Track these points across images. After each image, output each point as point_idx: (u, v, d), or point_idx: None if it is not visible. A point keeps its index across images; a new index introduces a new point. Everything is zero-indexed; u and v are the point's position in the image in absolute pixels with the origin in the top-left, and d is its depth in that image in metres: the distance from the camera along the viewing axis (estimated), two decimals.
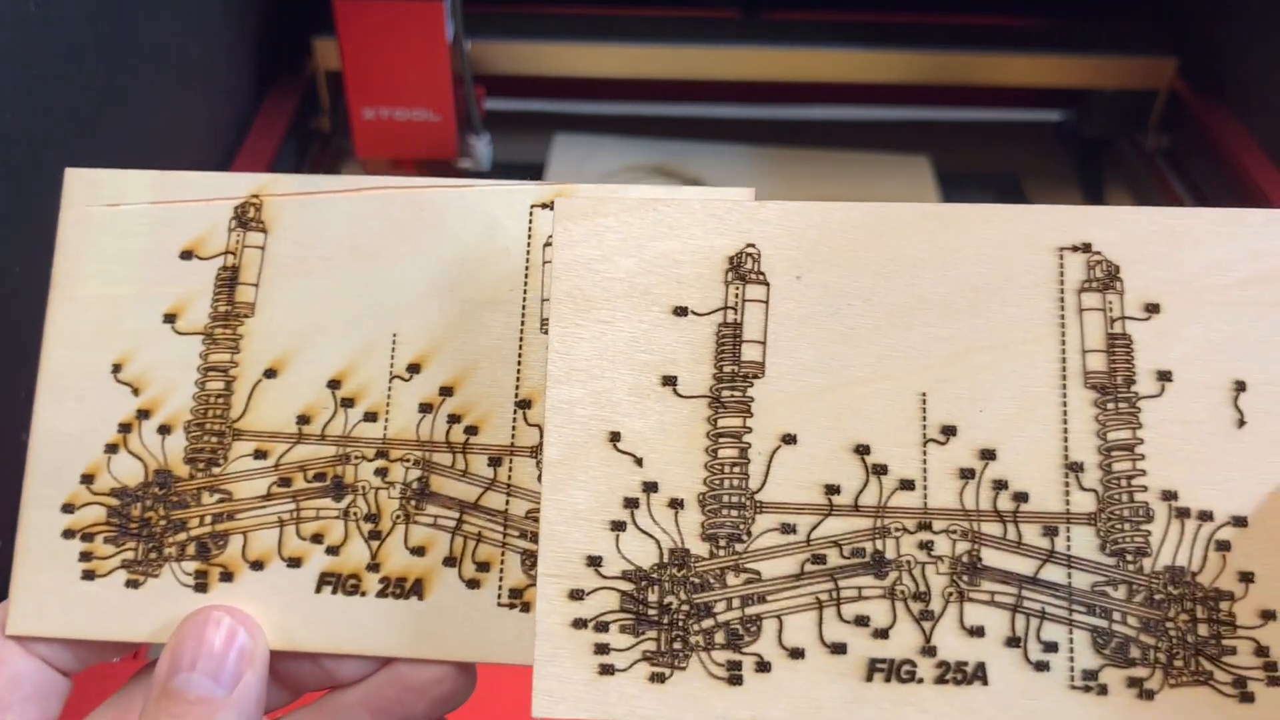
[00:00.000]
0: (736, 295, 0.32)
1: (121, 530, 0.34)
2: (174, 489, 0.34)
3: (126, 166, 0.78)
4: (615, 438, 0.31)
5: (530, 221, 0.35)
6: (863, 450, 0.31)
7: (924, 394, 0.31)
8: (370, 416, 0.35)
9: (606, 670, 0.30)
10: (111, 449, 0.35)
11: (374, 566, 0.34)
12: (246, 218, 0.35)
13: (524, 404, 0.35)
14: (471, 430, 0.35)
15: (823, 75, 1.07)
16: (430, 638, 0.34)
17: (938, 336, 0.31)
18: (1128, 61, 1.06)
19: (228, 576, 0.34)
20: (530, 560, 0.34)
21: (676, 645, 0.31)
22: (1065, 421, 0.31)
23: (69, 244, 0.35)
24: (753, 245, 0.32)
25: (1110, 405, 0.31)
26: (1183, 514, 0.31)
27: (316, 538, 0.34)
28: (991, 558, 0.31)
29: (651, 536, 0.31)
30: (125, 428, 0.35)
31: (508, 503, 0.34)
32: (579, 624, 0.30)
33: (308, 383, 0.35)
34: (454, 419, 0.35)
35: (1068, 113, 1.12)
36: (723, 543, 0.31)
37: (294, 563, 0.34)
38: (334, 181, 0.35)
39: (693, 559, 0.31)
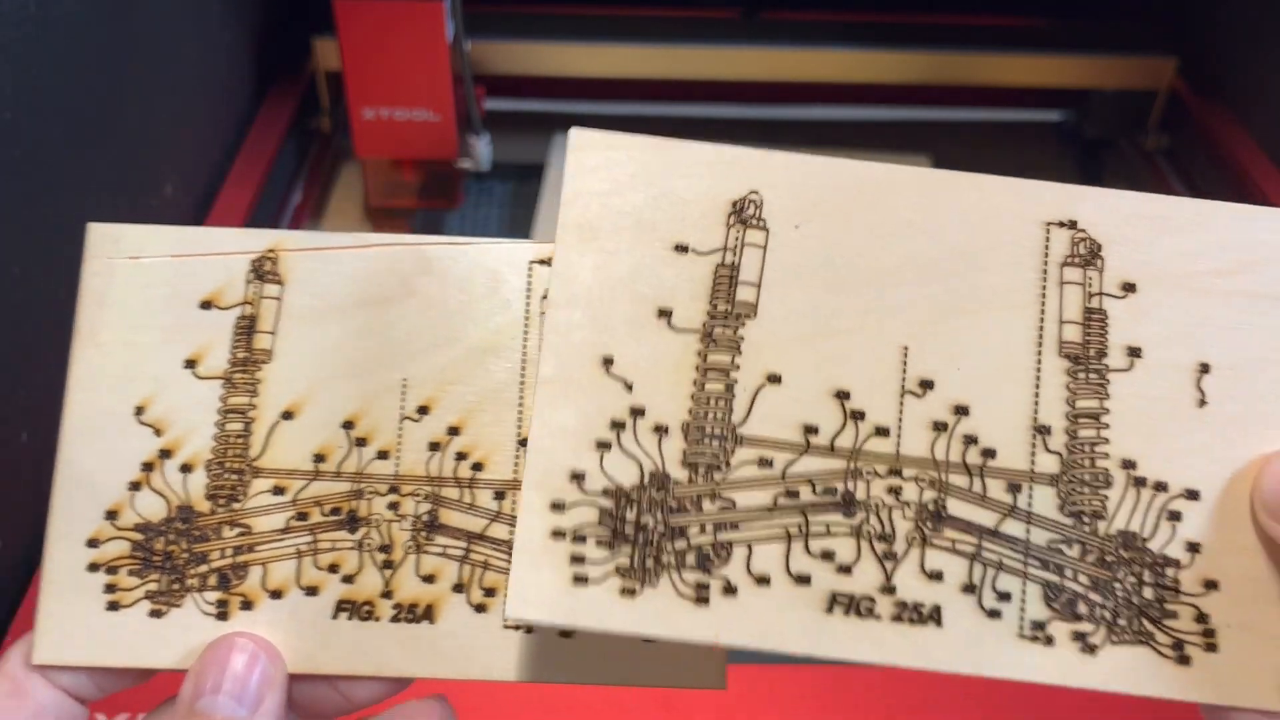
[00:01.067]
0: (736, 238, 0.33)
1: (145, 563, 0.36)
2: (196, 523, 0.36)
3: (125, 166, 0.80)
4: (608, 362, 0.33)
5: (529, 276, 0.38)
6: (843, 396, 0.33)
7: (906, 348, 0.33)
8: (382, 455, 0.37)
9: (580, 580, 0.32)
10: (135, 486, 0.37)
11: (388, 594, 0.36)
12: (263, 270, 0.38)
13: (525, 442, 0.37)
14: (477, 467, 0.37)
15: (823, 75, 1.09)
16: (441, 659, 0.36)
17: (924, 295, 0.33)
18: (1128, 61, 1.08)
19: (248, 605, 0.36)
20: None
21: (649, 563, 0.32)
22: (1038, 386, 0.33)
23: (92, 293, 0.37)
24: (756, 192, 0.33)
25: (1081, 375, 0.33)
26: (1139, 483, 0.33)
27: (333, 567, 0.36)
28: (956, 508, 0.32)
29: (634, 458, 0.32)
30: (148, 466, 0.37)
31: (511, 533, 0.37)
32: (558, 534, 0.32)
33: (323, 424, 0.37)
34: (461, 456, 0.37)
35: (1068, 113, 1.14)
36: (702, 470, 0.32)
37: (311, 591, 0.36)
38: (345, 238, 0.38)
39: (672, 483, 0.32)
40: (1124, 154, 1.12)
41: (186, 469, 0.37)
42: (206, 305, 0.37)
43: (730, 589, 0.32)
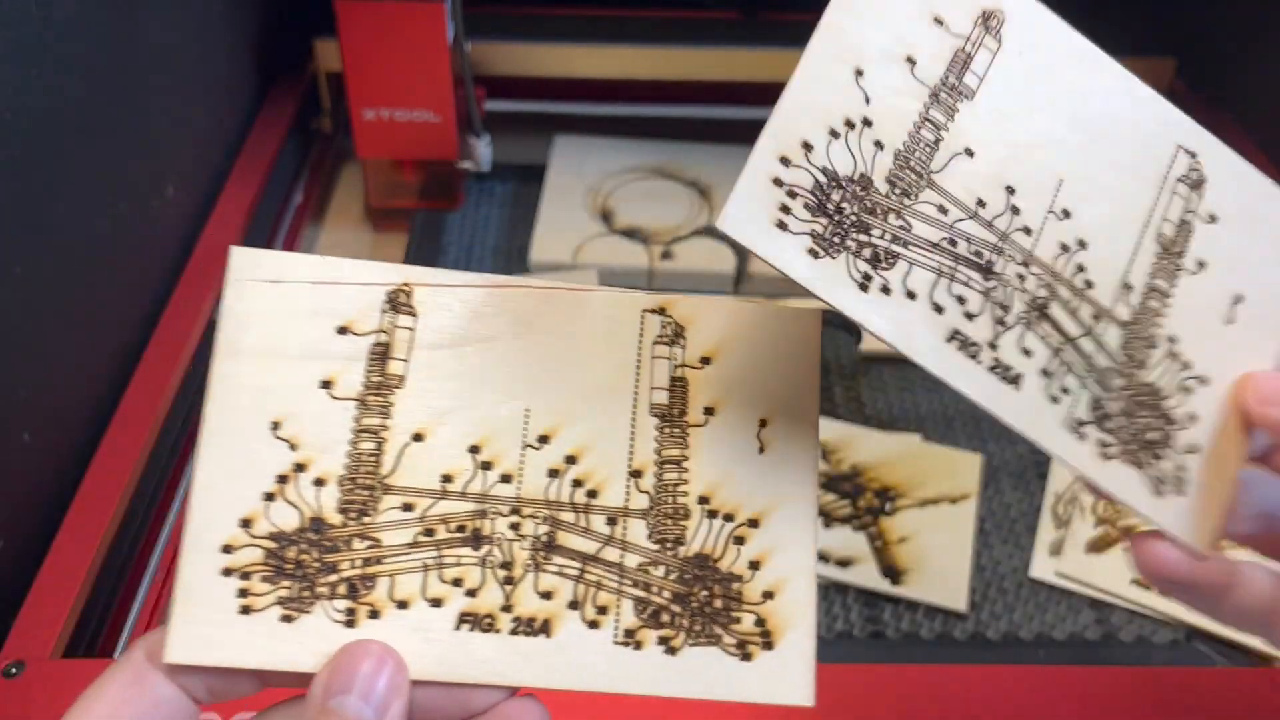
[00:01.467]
0: (971, 44, 0.39)
1: (278, 570, 0.39)
2: (327, 535, 0.39)
3: (126, 166, 0.82)
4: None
5: (641, 323, 0.42)
6: (1011, 190, 0.40)
7: (1061, 180, 0.41)
8: (505, 479, 0.40)
9: (782, 225, 0.38)
10: (269, 498, 0.39)
11: (507, 608, 0.39)
12: (398, 302, 0.41)
13: (635, 474, 0.41)
14: (592, 494, 0.40)
15: None
16: (555, 670, 0.39)
17: (1077, 148, 0.41)
18: (1128, 61, 1.09)
19: (375, 614, 0.39)
20: (641, 606, 0.40)
21: (835, 239, 0.38)
22: (1134, 255, 0.42)
23: (233, 313, 0.40)
24: (1003, 12, 0.40)
25: (1164, 261, 0.42)
26: (1174, 356, 0.42)
27: (456, 582, 0.39)
28: (1056, 311, 0.40)
29: (851, 154, 0.38)
30: (282, 479, 0.39)
31: (622, 556, 0.40)
32: (784, 208, 0.37)
33: (450, 448, 0.40)
34: (577, 484, 0.41)
35: None
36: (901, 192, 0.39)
37: (436, 603, 0.39)
38: (472, 277, 0.41)
39: (876, 192, 0.39)
40: None
41: (320, 483, 0.39)
42: (343, 331, 0.40)
43: (886, 290, 0.38)
